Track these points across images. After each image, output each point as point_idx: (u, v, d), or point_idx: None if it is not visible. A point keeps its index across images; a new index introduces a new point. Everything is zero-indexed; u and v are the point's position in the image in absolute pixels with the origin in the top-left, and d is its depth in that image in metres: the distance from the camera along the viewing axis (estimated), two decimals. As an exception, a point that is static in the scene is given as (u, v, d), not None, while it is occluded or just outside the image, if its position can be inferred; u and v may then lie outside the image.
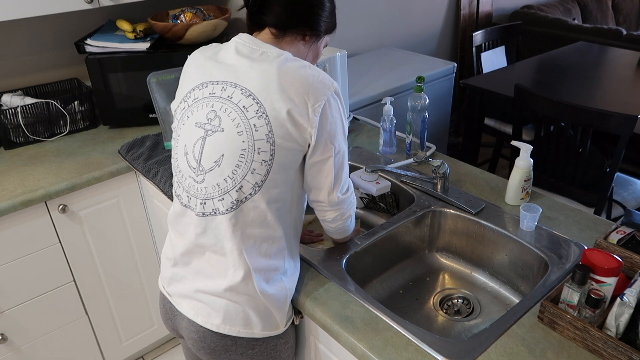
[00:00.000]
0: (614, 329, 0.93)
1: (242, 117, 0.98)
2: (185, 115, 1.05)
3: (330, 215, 1.14)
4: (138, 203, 1.79)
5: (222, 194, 1.00)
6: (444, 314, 1.26)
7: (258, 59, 1.01)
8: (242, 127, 0.97)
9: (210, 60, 1.05)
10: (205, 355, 1.10)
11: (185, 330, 1.11)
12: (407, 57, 2.78)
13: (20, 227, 1.55)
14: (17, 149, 1.78)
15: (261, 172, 0.98)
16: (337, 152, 1.04)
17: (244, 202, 0.99)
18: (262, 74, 0.99)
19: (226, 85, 1.00)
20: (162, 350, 2.15)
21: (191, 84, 1.06)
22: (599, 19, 4.11)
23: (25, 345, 1.70)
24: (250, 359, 1.09)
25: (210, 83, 1.03)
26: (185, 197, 1.05)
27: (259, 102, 0.97)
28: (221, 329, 1.04)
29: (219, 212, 1.00)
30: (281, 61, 1.00)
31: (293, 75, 0.98)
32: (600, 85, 2.45)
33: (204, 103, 1.02)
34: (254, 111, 0.97)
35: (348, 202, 1.14)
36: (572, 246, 1.20)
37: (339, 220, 1.16)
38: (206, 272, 1.06)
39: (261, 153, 0.97)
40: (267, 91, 0.97)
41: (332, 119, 1.01)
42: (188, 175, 1.04)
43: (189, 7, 1.95)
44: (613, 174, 1.92)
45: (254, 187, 0.99)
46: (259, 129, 0.97)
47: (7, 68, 1.91)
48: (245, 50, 1.03)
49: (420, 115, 1.54)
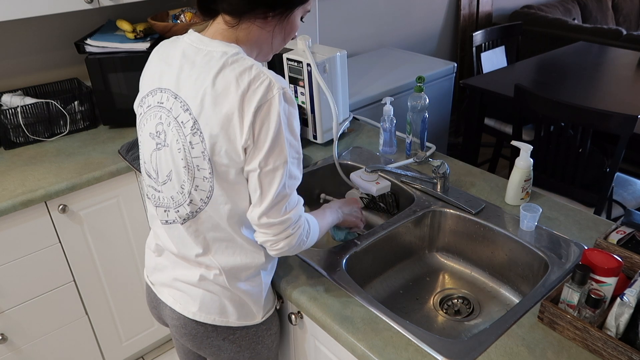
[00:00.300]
0: (614, 329, 0.93)
1: (180, 133, 0.93)
2: (142, 122, 1.03)
3: (259, 237, 0.98)
4: (138, 203, 1.79)
5: (177, 206, 1.00)
6: (444, 314, 1.26)
7: (200, 62, 0.92)
8: (180, 144, 0.93)
9: (162, 62, 0.99)
10: (188, 342, 1.12)
11: (169, 317, 1.13)
12: (407, 57, 2.78)
13: (20, 227, 1.55)
14: (17, 149, 1.78)
15: (205, 189, 0.95)
16: (266, 166, 0.90)
17: (199, 212, 0.99)
18: (199, 85, 0.91)
19: (170, 96, 0.95)
20: (162, 350, 2.15)
21: (146, 87, 1.02)
22: (599, 19, 4.11)
23: (25, 345, 1.70)
24: (232, 344, 1.10)
25: (159, 90, 0.98)
26: (154, 201, 1.06)
27: (194, 117, 0.91)
28: (197, 316, 1.06)
29: (178, 221, 1.02)
30: (219, 67, 0.90)
31: (227, 86, 0.88)
32: (600, 85, 2.45)
33: (154, 113, 0.99)
34: (190, 127, 0.91)
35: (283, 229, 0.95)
36: (572, 246, 1.20)
37: (270, 247, 0.98)
38: (181, 263, 1.08)
39: (201, 170, 0.93)
40: (201, 105, 0.90)
41: (266, 127, 0.88)
42: (149, 184, 1.06)
43: (189, 7, 1.95)
44: (613, 174, 1.92)
45: (202, 201, 0.97)
46: (194, 146, 0.92)
47: (7, 68, 1.91)
48: (191, 51, 0.95)
49: (420, 115, 1.54)
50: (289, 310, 1.20)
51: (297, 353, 1.28)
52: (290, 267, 1.19)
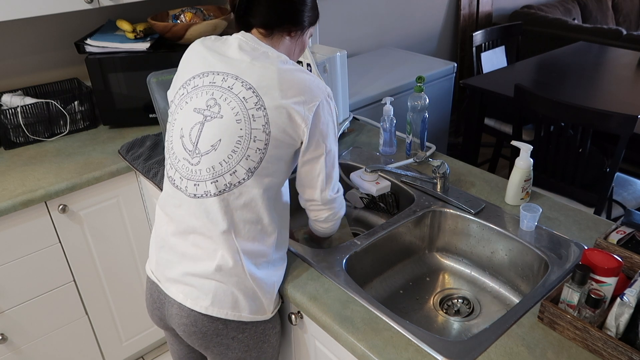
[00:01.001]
0: (614, 329, 0.93)
1: (242, 107, 1.02)
2: (183, 101, 1.09)
3: (323, 215, 1.19)
4: (138, 203, 1.79)
5: (216, 176, 1.03)
6: (444, 314, 1.26)
7: (259, 57, 1.06)
8: (241, 116, 1.02)
9: (212, 52, 1.10)
10: (196, 341, 1.11)
11: (176, 316, 1.11)
12: (407, 57, 2.78)
13: (20, 227, 1.55)
14: (17, 149, 1.78)
15: (255, 159, 1.03)
16: (329, 152, 1.10)
17: (237, 187, 1.03)
18: (263, 71, 1.04)
19: (227, 77, 1.05)
20: (162, 350, 2.15)
21: (191, 72, 1.10)
22: (599, 19, 4.11)
23: (25, 345, 1.70)
24: (240, 342, 1.11)
25: (211, 73, 1.07)
26: (178, 178, 1.08)
27: (258, 95, 1.02)
28: (209, 310, 1.06)
29: (211, 194, 1.04)
30: (280, 62, 1.06)
31: (291, 77, 1.04)
32: (600, 85, 2.45)
33: (204, 90, 1.06)
34: (253, 103, 1.02)
35: (339, 202, 1.20)
36: (572, 246, 1.20)
37: (331, 220, 1.21)
38: (193, 255, 1.08)
39: (257, 141, 1.02)
40: (267, 87, 1.03)
41: (324, 119, 1.07)
42: (182, 158, 1.07)
43: (189, 7, 1.95)
44: (613, 174, 1.92)
45: (247, 172, 1.03)
46: (256, 119, 1.02)
47: (7, 68, 1.91)
48: (248, 48, 1.08)
49: (420, 115, 1.54)
50: (289, 310, 1.20)
51: (297, 353, 1.28)
52: (291, 267, 1.19)
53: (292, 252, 1.23)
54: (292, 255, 1.23)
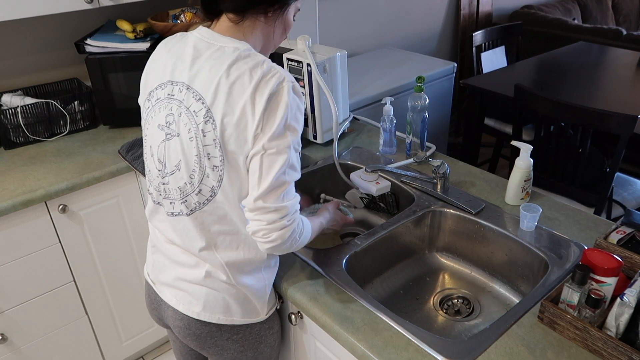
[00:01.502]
0: (614, 329, 0.93)
1: (192, 122, 0.96)
2: (149, 116, 1.05)
3: (252, 226, 0.96)
4: (138, 203, 1.79)
5: (185, 196, 1.01)
6: (444, 314, 1.26)
7: (213, 56, 0.96)
8: (193, 133, 0.96)
9: (171, 56, 1.02)
10: (192, 342, 1.11)
11: (171, 318, 1.12)
12: (407, 57, 2.78)
13: (20, 227, 1.55)
14: (17, 149, 1.78)
15: (214, 178, 0.97)
16: (270, 148, 0.92)
17: (206, 204, 1.00)
18: (213, 76, 0.95)
19: (182, 87, 0.98)
20: (162, 350, 2.15)
21: (154, 81, 1.04)
22: (599, 19, 4.11)
23: (25, 345, 1.70)
24: (235, 343, 1.11)
25: (169, 83, 1.00)
26: (156, 195, 1.07)
27: (207, 106, 0.94)
28: (202, 316, 1.06)
29: (184, 213, 1.02)
30: (233, 60, 0.94)
31: (241, 76, 0.93)
32: (600, 85, 2.45)
33: (163, 105, 1.01)
34: (202, 116, 0.94)
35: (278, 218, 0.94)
36: (572, 246, 1.20)
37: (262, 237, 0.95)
38: (184, 262, 1.08)
39: (211, 159, 0.96)
40: (215, 94, 0.94)
41: (274, 111, 0.92)
42: (155, 176, 1.06)
43: (189, 7, 1.95)
44: (613, 174, 1.92)
45: (211, 190, 0.98)
46: (206, 134, 0.94)
47: (7, 68, 1.91)
48: (202, 46, 0.99)
49: (420, 115, 1.54)
50: (289, 310, 1.20)
51: (297, 353, 1.28)
52: (290, 267, 1.19)
53: (292, 252, 1.23)
54: (292, 255, 1.23)
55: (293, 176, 0.97)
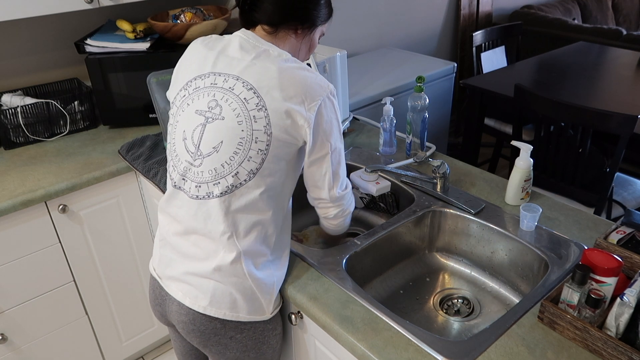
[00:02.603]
0: (614, 329, 0.93)
1: (243, 108, 1.02)
2: (185, 103, 1.08)
3: (332, 212, 1.19)
4: (138, 203, 1.79)
5: (219, 178, 1.03)
6: (444, 314, 1.26)
7: (260, 56, 1.05)
8: (242, 117, 1.02)
9: (212, 51, 1.09)
10: (195, 339, 1.11)
11: (175, 314, 1.12)
12: (407, 57, 2.78)
13: (20, 227, 1.55)
14: (17, 149, 1.78)
15: (257, 160, 1.03)
16: (334, 150, 1.09)
17: (238, 188, 1.03)
18: (264, 70, 1.03)
19: (228, 77, 1.04)
20: (162, 350, 2.15)
21: (192, 73, 1.09)
22: (599, 19, 4.11)
23: (25, 345, 1.70)
24: (238, 343, 1.11)
25: (212, 74, 1.06)
26: (180, 180, 1.08)
27: (259, 96, 1.01)
28: (208, 310, 1.07)
29: (213, 195, 1.04)
30: (282, 61, 1.04)
31: (292, 76, 1.03)
32: (600, 85, 2.45)
33: (206, 92, 1.06)
34: (254, 104, 1.01)
35: (348, 198, 1.20)
36: (572, 246, 1.20)
37: (340, 216, 1.21)
38: (194, 255, 1.08)
39: (258, 142, 1.02)
40: (267, 87, 1.01)
41: (328, 118, 1.06)
42: (185, 160, 1.07)
43: (189, 7, 1.95)
44: (613, 174, 1.92)
45: (249, 173, 1.03)
46: (258, 120, 1.01)
47: (7, 68, 1.91)
48: (249, 46, 1.07)
49: (420, 115, 1.54)
50: (289, 310, 1.20)
51: (297, 353, 1.28)
52: (291, 267, 1.19)
53: (292, 252, 1.23)
54: (292, 255, 1.23)
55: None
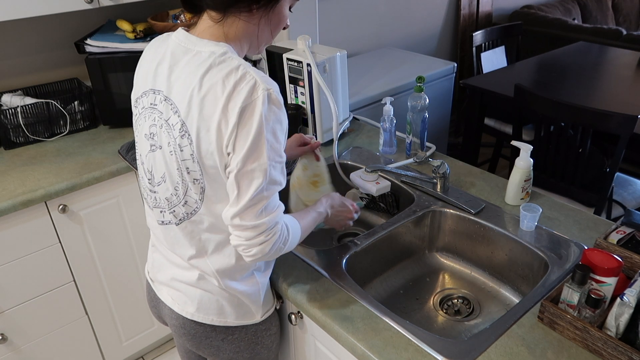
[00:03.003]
0: (614, 329, 0.93)
1: (171, 136, 0.93)
2: (138, 123, 1.02)
3: (233, 240, 0.94)
4: (138, 203, 1.79)
5: (172, 207, 1.00)
6: (444, 314, 1.26)
7: (190, 63, 0.91)
8: (172, 147, 0.93)
9: (154, 61, 0.97)
10: (187, 342, 1.12)
11: (168, 317, 1.13)
12: (407, 57, 2.78)
13: (20, 227, 1.55)
14: (17, 149, 1.78)
15: (197, 191, 0.95)
16: (244, 167, 0.87)
17: (194, 215, 0.98)
18: (187, 86, 0.89)
19: (162, 97, 0.94)
20: (162, 350, 2.15)
21: (140, 87, 1.01)
22: (599, 19, 4.11)
23: (25, 345, 1.70)
24: (230, 344, 1.11)
25: (151, 91, 0.97)
26: (151, 201, 1.06)
27: (182, 120, 0.90)
28: (195, 317, 1.07)
29: (173, 222, 1.02)
30: (207, 67, 0.88)
31: (213, 87, 0.87)
32: (600, 85, 2.45)
33: (147, 114, 0.98)
34: (178, 130, 0.91)
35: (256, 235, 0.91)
36: (572, 246, 1.20)
37: (242, 251, 0.94)
38: (179, 263, 1.08)
39: (191, 172, 0.93)
40: (188, 107, 0.89)
41: (248, 127, 0.86)
42: (144, 186, 1.06)
43: (189, 7, 1.95)
44: (613, 174, 1.92)
45: (196, 202, 0.97)
46: (183, 148, 0.91)
47: (7, 68, 1.91)
48: (180, 51, 0.93)
49: (420, 115, 1.54)
50: (289, 310, 1.20)
51: (297, 353, 1.28)
52: (290, 267, 1.19)
53: (292, 252, 1.23)
54: (292, 255, 1.23)
55: (273, 190, 0.92)
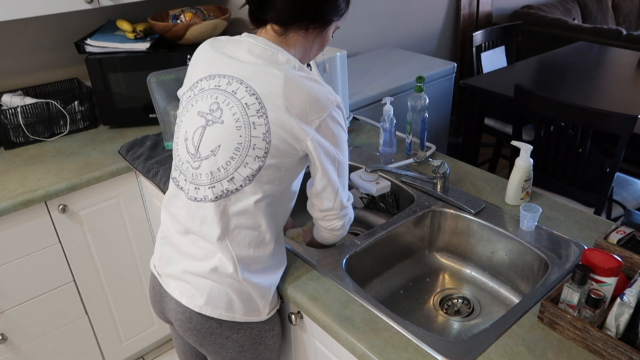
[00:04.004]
0: (614, 329, 0.93)
1: (243, 113, 1.01)
2: (189, 104, 1.08)
3: (338, 224, 1.17)
4: (138, 203, 1.79)
5: (214, 182, 1.03)
6: (444, 314, 1.26)
7: (268, 60, 1.04)
8: (241, 122, 1.00)
9: (221, 54, 1.08)
10: (191, 337, 1.12)
11: (173, 311, 1.13)
12: (407, 57, 2.78)
13: (20, 227, 1.55)
14: (17, 149, 1.78)
15: (253, 167, 1.01)
16: (339, 163, 1.09)
17: (234, 193, 1.02)
18: (270, 77, 1.01)
19: (232, 80, 1.03)
20: (162, 350, 2.15)
21: (200, 74, 1.09)
22: (599, 19, 4.11)
23: (25, 345, 1.70)
24: (235, 342, 1.11)
25: (217, 76, 1.06)
26: (182, 180, 1.08)
27: (261, 102, 1.00)
28: (204, 310, 1.07)
29: (208, 199, 1.04)
30: (289, 68, 1.03)
31: (298, 85, 1.01)
32: (600, 85, 2.45)
33: (209, 94, 1.05)
34: (255, 110, 1.00)
35: (350, 209, 1.19)
36: (572, 246, 1.20)
37: (345, 227, 1.19)
38: (193, 254, 1.08)
39: (256, 149, 1.00)
40: (271, 94, 1.00)
41: (332, 132, 1.04)
42: (185, 160, 1.07)
43: (189, 7, 1.95)
44: (613, 174, 1.92)
45: (244, 179, 1.02)
46: (257, 127, 1.00)
47: (7, 68, 1.91)
48: (257, 50, 1.05)
49: (420, 115, 1.54)
50: (289, 310, 1.20)
51: (297, 353, 1.28)
52: (291, 267, 1.19)
53: (292, 252, 1.23)
54: (292, 255, 1.23)
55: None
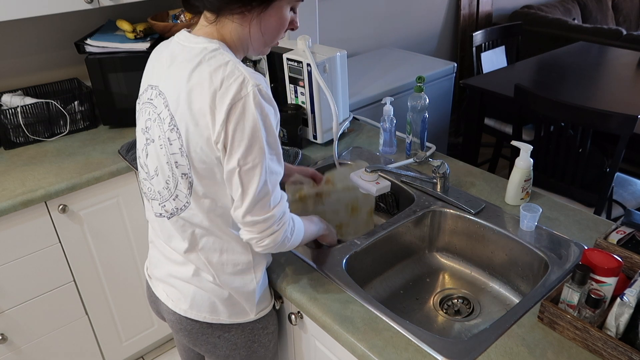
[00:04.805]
0: (614, 329, 0.93)
1: (161, 130, 0.95)
2: (137, 118, 1.06)
3: (244, 235, 0.98)
4: (138, 203, 1.79)
5: (164, 201, 1.02)
6: (444, 314, 1.26)
7: (181, 59, 0.93)
8: (162, 140, 0.95)
9: (155, 61, 1.02)
10: (184, 338, 1.12)
11: (165, 312, 1.14)
12: (407, 57, 2.78)
13: (20, 227, 1.55)
14: (17, 149, 1.78)
15: (185, 185, 0.96)
16: (245, 164, 0.90)
17: (184, 210, 1.00)
18: (177, 81, 0.92)
19: (157, 92, 0.97)
20: (162, 350, 2.15)
21: (143, 85, 1.05)
22: (599, 19, 4.11)
23: (25, 345, 1.70)
24: (227, 341, 1.11)
25: (150, 87, 1.00)
26: (149, 194, 1.08)
27: (171, 114, 0.93)
28: (189, 313, 1.07)
29: (166, 216, 1.03)
30: (197, 62, 0.90)
31: (201, 82, 0.89)
32: (600, 85, 2.45)
33: (145, 109, 1.01)
34: (168, 124, 0.94)
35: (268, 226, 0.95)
36: (572, 246, 1.20)
37: (255, 244, 0.98)
38: (174, 259, 1.08)
39: (179, 167, 0.95)
40: (177, 101, 0.92)
41: (241, 125, 0.87)
42: (143, 178, 1.07)
43: (189, 7, 1.95)
44: (613, 174, 1.92)
45: (186, 197, 0.98)
46: (172, 142, 0.93)
47: (7, 68, 1.91)
48: (177, 49, 0.96)
49: (420, 115, 1.54)
50: (289, 310, 1.20)
51: (297, 353, 1.28)
52: (290, 267, 1.19)
53: (292, 252, 1.23)
54: (292, 255, 1.23)
55: (275, 181, 0.95)
